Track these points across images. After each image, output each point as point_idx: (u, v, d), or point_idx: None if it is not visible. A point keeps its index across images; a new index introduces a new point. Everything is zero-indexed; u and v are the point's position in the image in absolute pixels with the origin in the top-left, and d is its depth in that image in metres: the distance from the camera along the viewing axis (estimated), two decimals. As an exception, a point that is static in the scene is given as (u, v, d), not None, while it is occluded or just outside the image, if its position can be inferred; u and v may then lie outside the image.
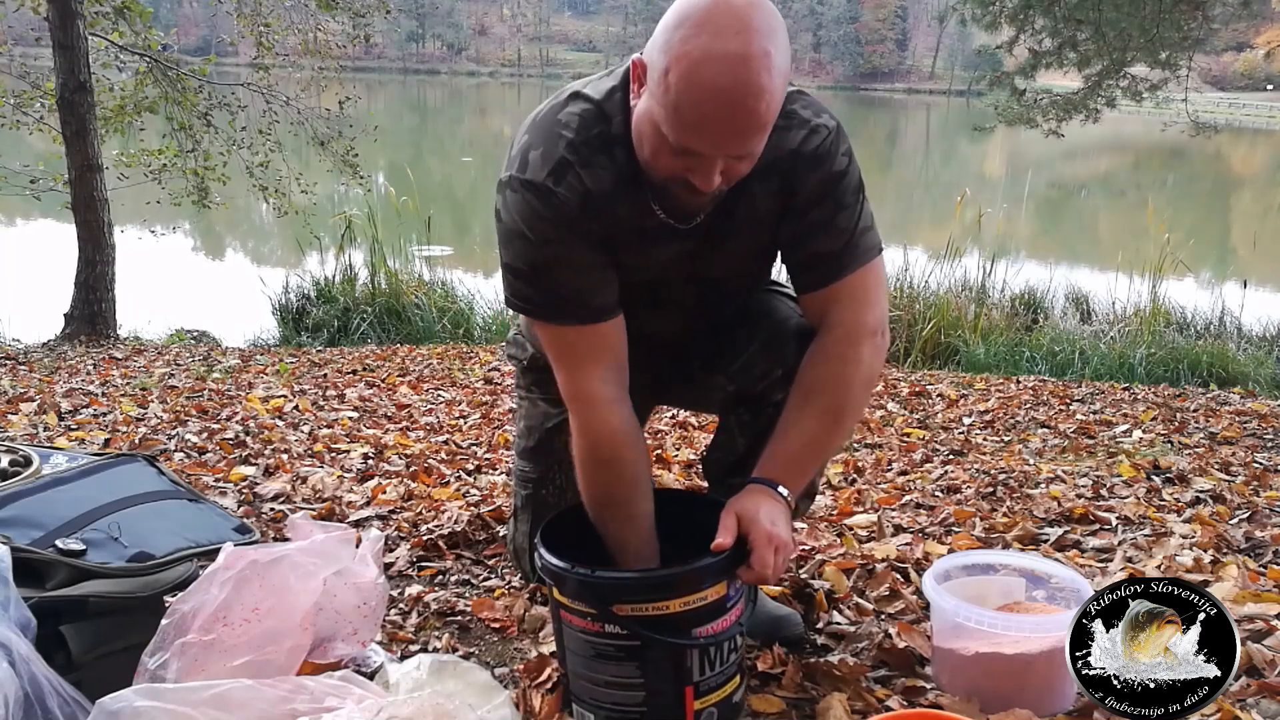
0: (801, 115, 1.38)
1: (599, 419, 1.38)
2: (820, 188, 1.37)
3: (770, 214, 1.40)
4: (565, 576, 1.23)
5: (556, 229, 1.31)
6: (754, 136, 1.20)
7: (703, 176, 1.22)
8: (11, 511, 1.25)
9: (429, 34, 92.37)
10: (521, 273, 1.35)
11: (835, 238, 1.39)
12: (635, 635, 1.20)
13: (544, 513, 1.66)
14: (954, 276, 6.68)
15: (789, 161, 1.36)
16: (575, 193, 1.30)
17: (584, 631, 1.23)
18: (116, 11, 7.12)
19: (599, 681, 1.24)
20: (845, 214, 1.39)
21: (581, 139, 1.31)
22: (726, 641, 1.24)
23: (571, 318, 1.36)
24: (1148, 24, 6.56)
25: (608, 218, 1.33)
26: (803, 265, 1.41)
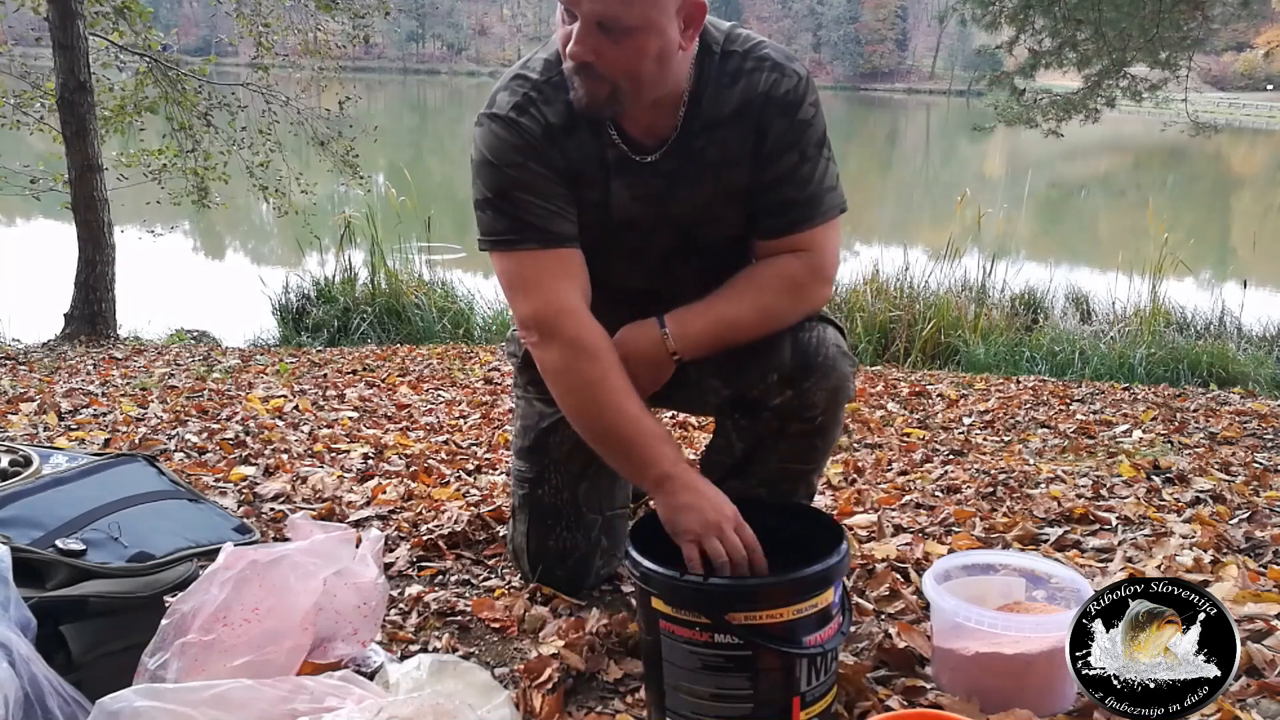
0: (773, 58, 1.42)
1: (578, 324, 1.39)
2: (788, 135, 1.40)
3: (740, 158, 1.42)
4: (674, 585, 1.19)
5: (521, 154, 1.39)
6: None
7: (573, 41, 1.27)
8: (11, 511, 1.25)
9: (429, 34, 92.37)
10: (489, 203, 1.42)
11: (800, 187, 1.42)
12: (748, 645, 1.16)
13: (541, 513, 1.67)
14: (954, 276, 6.68)
15: (760, 104, 1.40)
16: (538, 124, 1.40)
17: (690, 643, 1.19)
18: (116, 11, 7.12)
19: (704, 694, 1.20)
20: (809, 166, 1.42)
21: (544, 79, 1.42)
22: (831, 650, 1.22)
23: (536, 241, 1.41)
24: (1148, 24, 6.56)
25: (570, 149, 1.41)
26: (766, 211, 1.45)
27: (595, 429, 1.41)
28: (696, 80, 1.41)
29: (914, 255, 6.84)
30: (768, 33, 31.22)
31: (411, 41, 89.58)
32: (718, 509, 1.30)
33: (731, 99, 1.40)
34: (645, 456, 1.36)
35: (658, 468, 1.34)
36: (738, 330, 1.45)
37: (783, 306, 1.45)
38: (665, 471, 1.34)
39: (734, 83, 1.41)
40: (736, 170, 1.43)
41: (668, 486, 1.33)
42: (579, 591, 1.69)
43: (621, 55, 1.28)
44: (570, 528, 1.67)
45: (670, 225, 1.48)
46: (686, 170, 1.44)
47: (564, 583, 1.69)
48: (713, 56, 1.41)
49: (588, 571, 1.70)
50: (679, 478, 1.33)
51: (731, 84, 1.41)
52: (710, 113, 1.41)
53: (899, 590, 1.66)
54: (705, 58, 1.41)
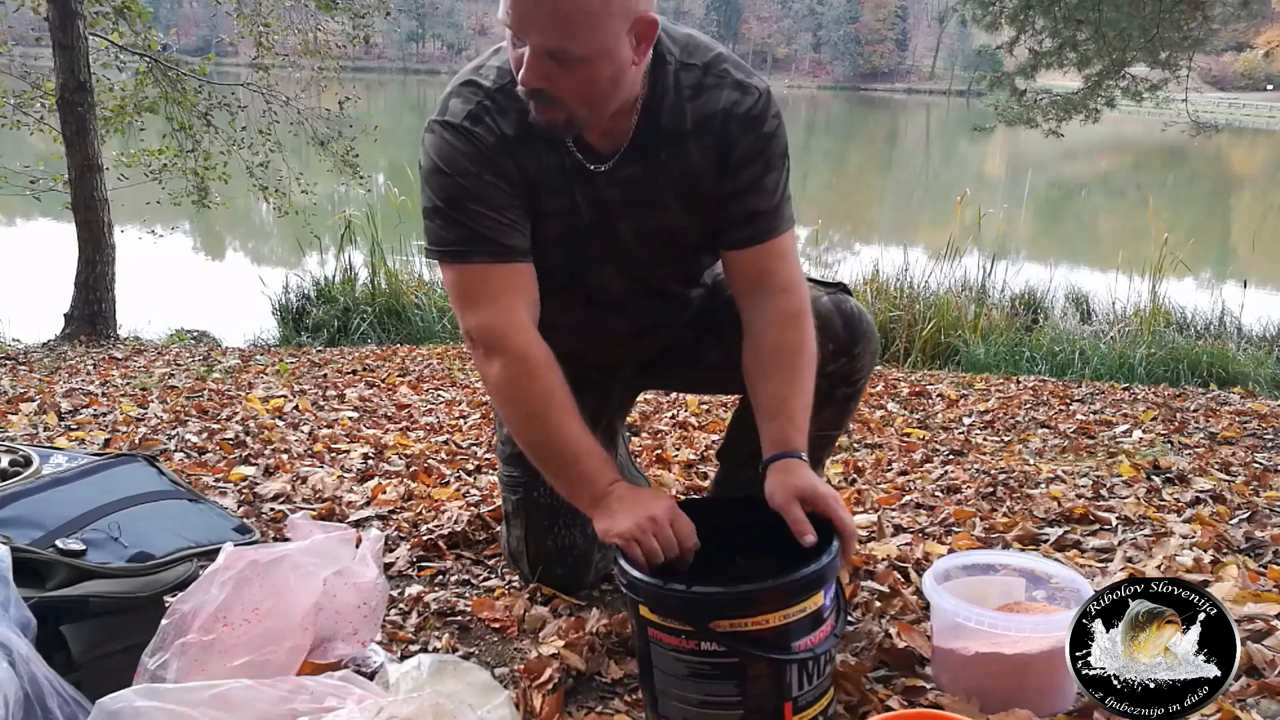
0: (733, 76, 1.42)
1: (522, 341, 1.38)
2: (752, 148, 1.42)
3: (705, 169, 1.43)
4: (657, 593, 1.18)
5: (473, 162, 1.37)
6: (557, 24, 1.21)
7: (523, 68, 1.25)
8: (11, 511, 1.25)
9: (429, 34, 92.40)
10: (439, 211, 1.40)
11: (766, 197, 1.44)
12: (735, 652, 1.15)
13: (537, 514, 1.67)
14: (954, 276, 6.68)
15: (721, 120, 1.40)
16: (492, 133, 1.38)
17: (678, 650, 1.18)
18: (116, 11, 7.13)
19: (694, 701, 1.19)
20: (773, 175, 1.44)
21: (497, 87, 1.39)
22: (824, 654, 1.20)
23: (485, 254, 1.38)
24: (1148, 24, 6.57)
25: (525, 160, 1.40)
26: (736, 222, 1.45)
27: (534, 444, 1.41)
28: (651, 89, 1.40)
29: (914, 255, 6.84)
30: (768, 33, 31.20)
31: (411, 41, 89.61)
32: (646, 507, 1.29)
33: (693, 112, 1.40)
34: (583, 474, 1.36)
35: (594, 486, 1.35)
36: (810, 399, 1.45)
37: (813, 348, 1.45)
38: (602, 490, 1.34)
39: (695, 96, 1.40)
40: (703, 181, 1.44)
41: (602, 503, 1.33)
42: (580, 589, 1.70)
43: (574, 81, 1.27)
44: (568, 525, 1.67)
45: (639, 233, 1.48)
46: (650, 180, 1.44)
47: (565, 581, 1.69)
48: (667, 66, 1.40)
49: (588, 567, 1.70)
50: (613, 493, 1.33)
51: (693, 97, 1.40)
52: (671, 124, 1.40)
53: (899, 590, 1.66)
54: (660, 67, 1.40)
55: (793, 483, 1.30)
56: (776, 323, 1.44)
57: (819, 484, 1.30)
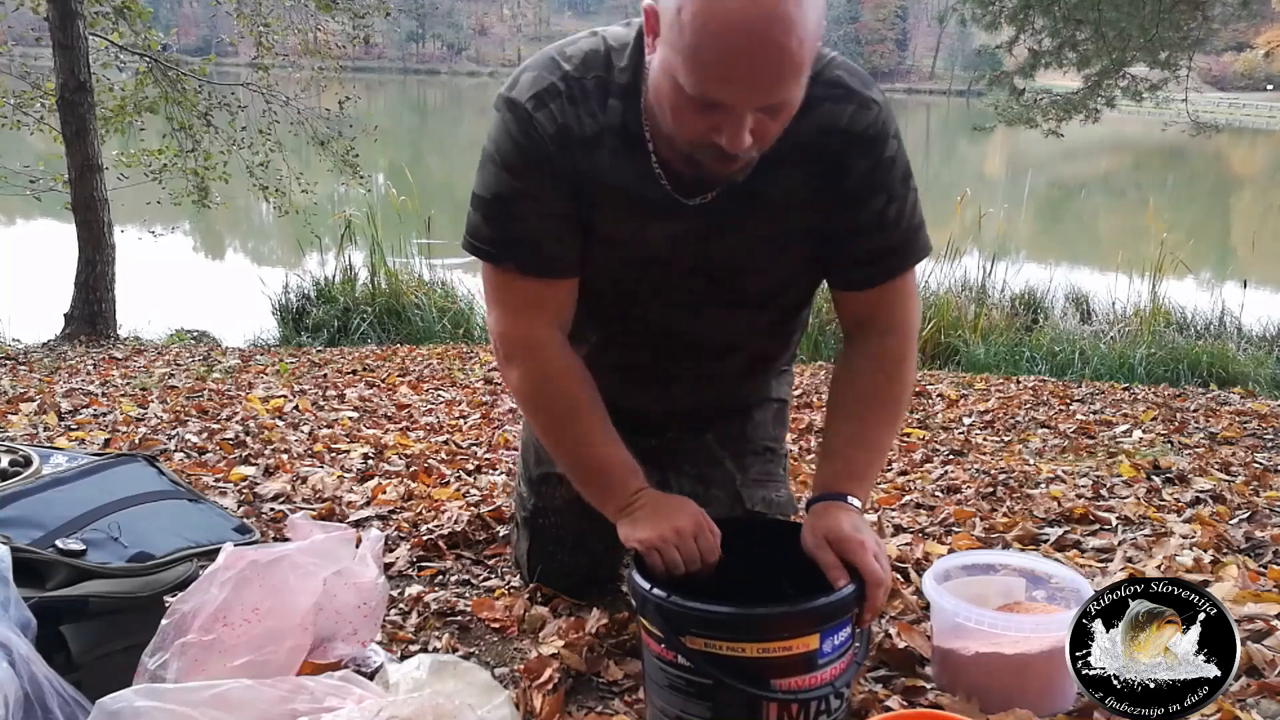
0: (849, 84, 1.22)
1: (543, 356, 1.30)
2: (872, 175, 1.24)
3: (804, 199, 1.24)
4: (643, 596, 1.16)
5: (523, 159, 1.23)
6: (785, 81, 1.03)
7: (731, 134, 1.05)
8: (11, 511, 1.25)
9: (429, 34, 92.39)
10: (483, 203, 1.28)
11: (890, 233, 1.27)
12: (705, 674, 1.11)
13: (542, 539, 1.64)
14: (954, 276, 6.69)
15: (837, 141, 1.21)
16: (553, 124, 1.21)
17: (659, 658, 1.16)
18: (116, 11, 7.13)
19: (670, 715, 1.17)
20: (897, 205, 1.27)
21: (578, 75, 1.22)
22: (815, 701, 1.11)
23: (514, 263, 1.27)
24: (1147, 24, 6.57)
25: (586, 166, 1.23)
26: (855, 261, 1.29)
27: (558, 453, 1.36)
28: None
29: (914, 255, 6.83)
30: (768, 33, 31.27)
31: (411, 41, 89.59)
32: (671, 517, 1.25)
33: (801, 132, 1.18)
34: (609, 485, 1.31)
35: (620, 497, 1.30)
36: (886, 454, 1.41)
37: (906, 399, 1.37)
38: (627, 499, 1.30)
39: (804, 112, 1.16)
40: (799, 213, 1.25)
41: (627, 512, 1.29)
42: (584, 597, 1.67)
43: (777, 127, 1.11)
44: (573, 553, 1.63)
45: (709, 269, 1.31)
46: (735, 212, 1.25)
47: (565, 592, 1.67)
48: None
49: (591, 583, 1.66)
50: (638, 502, 1.29)
51: (802, 113, 1.16)
52: (774, 147, 1.17)
53: (899, 590, 1.66)
54: None
55: (824, 525, 1.22)
56: (869, 367, 1.33)
57: (852, 529, 1.21)
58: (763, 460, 1.57)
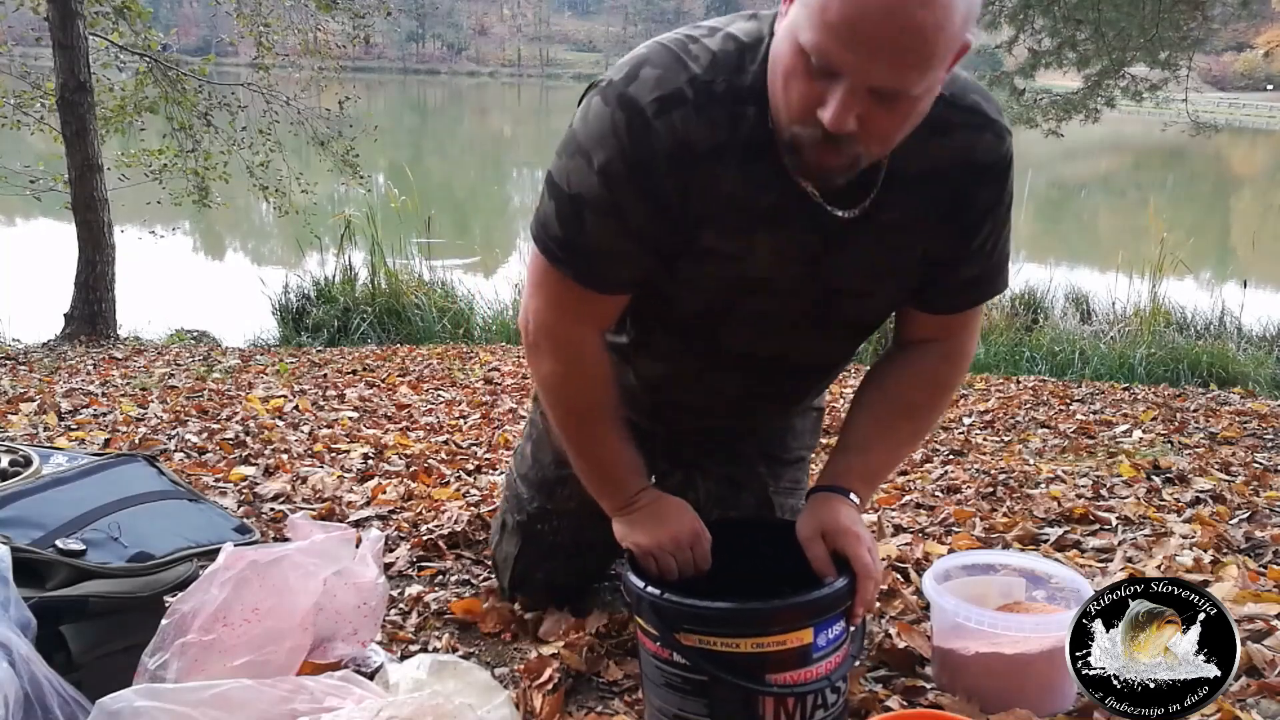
0: (986, 112, 1.15)
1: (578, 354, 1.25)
2: (993, 209, 1.19)
3: (923, 227, 1.17)
4: (638, 595, 1.16)
5: (627, 167, 1.10)
6: (911, 63, 0.95)
7: (836, 107, 0.96)
8: (11, 511, 1.25)
9: (429, 34, 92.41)
10: (563, 199, 1.15)
11: (983, 262, 1.22)
12: (700, 670, 1.11)
13: (535, 546, 1.58)
14: (954, 276, 6.67)
15: (964, 168, 1.14)
16: (672, 136, 1.08)
17: (655, 656, 1.16)
18: (116, 11, 7.13)
19: (668, 714, 1.17)
20: (995, 236, 1.21)
21: (708, 78, 1.09)
22: (811, 695, 1.12)
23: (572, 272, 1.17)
24: (1147, 24, 6.57)
25: (702, 180, 1.11)
26: (950, 289, 1.24)
27: (572, 444, 1.33)
28: None
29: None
30: (768, 33, 31.25)
31: (411, 41, 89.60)
32: (669, 524, 1.24)
33: (929, 155, 1.12)
34: (614, 482, 1.31)
35: (621, 496, 1.29)
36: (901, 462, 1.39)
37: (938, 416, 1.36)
38: (628, 499, 1.29)
39: (935, 135, 1.11)
40: (916, 239, 1.18)
41: (626, 511, 1.29)
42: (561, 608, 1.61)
43: (891, 122, 1.01)
44: (565, 566, 1.59)
45: (814, 292, 1.21)
46: (861, 232, 1.16)
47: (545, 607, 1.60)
48: None
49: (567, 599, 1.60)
50: (638, 503, 1.28)
51: (931, 135, 1.10)
52: (901, 167, 1.12)
53: (899, 590, 1.66)
54: None
55: (819, 517, 1.21)
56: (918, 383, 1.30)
57: (847, 521, 1.20)
58: (795, 469, 1.56)
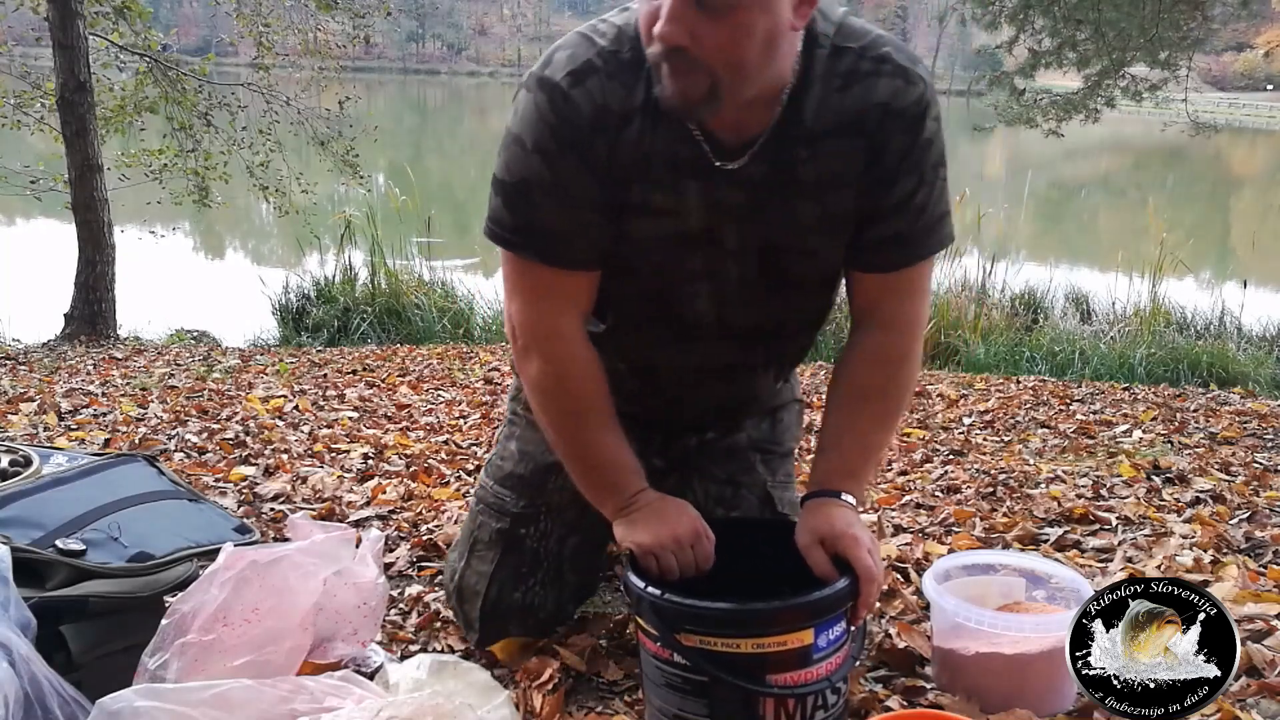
0: (895, 60, 1.19)
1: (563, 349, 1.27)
2: (908, 155, 1.21)
3: (848, 177, 1.21)
4: (638, 595, 1.15)
5: (557, 141, 1.18)
6: None
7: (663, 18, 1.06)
8: (11, 511, 1.25)
9: (429, 34, 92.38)
10: (504, 188, 1.23)
11: (914, 217, 1.24)
12: (701, 670, 1.11)
13: (518, 556, 1.45)
14: (954, 276, 6.68)
15: (877, 116, 1.18)
16: (590, 102, 1.17)
17: (655, 657, 1.16)
18: (116, 11, 7.12)
19: (668, 714, 1.17)
20: (926, 190, 1.24)
21: (614, 49, 1.19)
22: (811, 696, 1.12)
23: (537, 254, 1.23)
24: (1147, 24, 6.57)
25: (626, 142, 1.19)
26: (875, 244, 1.26)
27: (565, 448, 1.32)
28: (801, 76, 1.18)
29: (914, 255, 6.82)
30: (768, 33, 30.90)
31: (411, 41, 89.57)
32: (670, 524, 1.23)
33: (843, 106, 1.18)
34: (612, 483, 1.29)
35: (620, 497, 1.28)
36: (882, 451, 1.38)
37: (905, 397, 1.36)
38: (626, 500, 1.28)
39: (847, 86, 1.18)
40: (843, 193, 1.22)
41: (625, 512, 1.27)
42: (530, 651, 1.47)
43: (723, 37, 1.06)
44: (546, 584, 1.46)
45: (755, 248, 1.26)
46: (780, 185, 1.21)
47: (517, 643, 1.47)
48: (821, 50, 1.18)
49: (543, 635, 1.49)
50: (637, 504, 1.27)
51: (844, 87, 1.18)
52: (816, 121, 1.18)
53: (899, 590, 1.66)
54: (812, 50, 1.18)
55: (816, 522, 1.22)
56: (866, 362, 1.31)
57: (845, 525, 1.20)
58: (787, 462, 1.57)
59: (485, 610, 1.45)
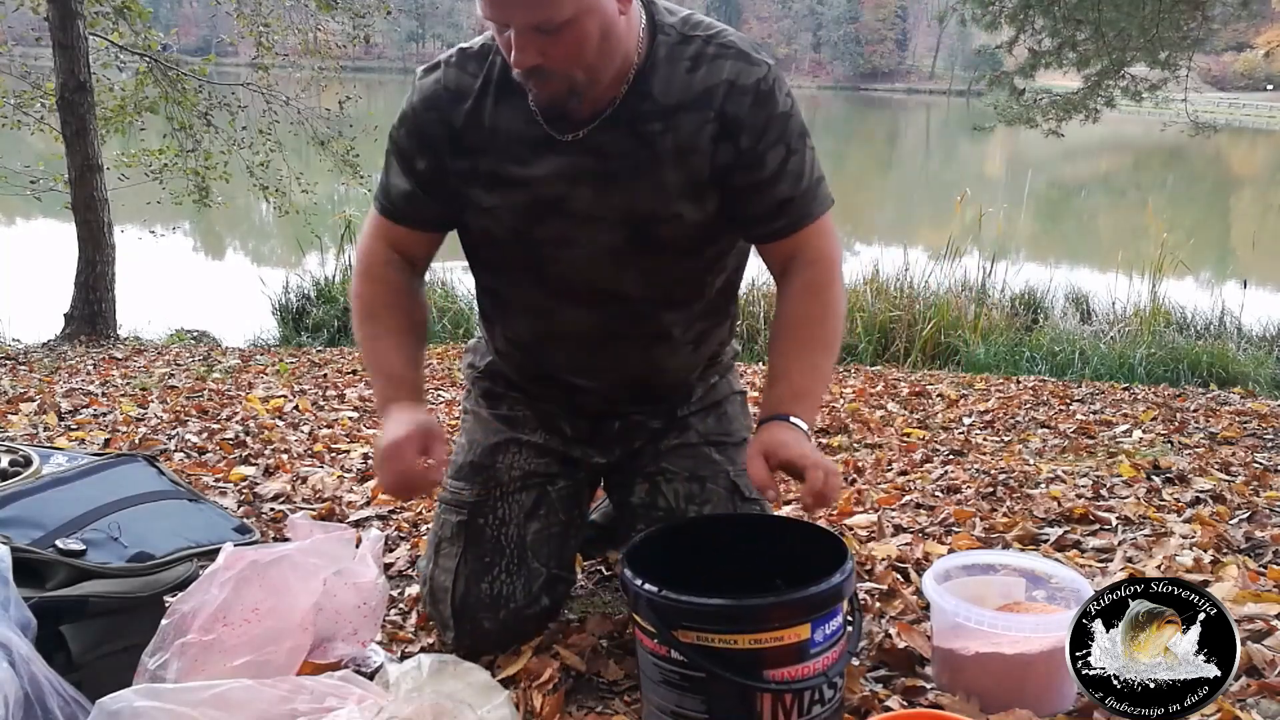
0: (739, 46, 1.35)
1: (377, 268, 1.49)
2: (767, 130, 1.34)
3: (701, 146, 1.34)
4: (635, 592, 1.16)
5: (413, 113, 1.41)
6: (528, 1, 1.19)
7: (513, 52, 1.23)
8: (11, 511, 1.25)
9: (429, 34, 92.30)
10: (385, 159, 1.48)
11: (794, 182, 1.37)
12: (698, 667, 1.12)
13: (479, 547, 1.47)
14: (954, 276, 6.68)
15: (724, 92, 1.32)
16: (436, 87, 1.39)
17: (653, 654, 1.17)
18: (116, 11, 7.12)
19: (666, 710, 1.17)
20: (797, 158, 1.37)
21: (465, 46, 1.42)
22: (808, 691, 1.13)
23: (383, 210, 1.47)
24: (1147, 24, 6.56)
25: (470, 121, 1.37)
26: (768, 214, 1.38)
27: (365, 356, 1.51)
28: (645, 57, 1.33)
29: (914, 255, 6.84)
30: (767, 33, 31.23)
31: (411, 41, 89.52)
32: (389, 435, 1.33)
33: (692, 84, 1.33)
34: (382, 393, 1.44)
35: (380, 397, 1.44)
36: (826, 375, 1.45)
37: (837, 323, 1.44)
38: (381, 408, 1.42)
39: (695, 67, 1.33)
40: (697, 159, 1.34)
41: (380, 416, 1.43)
42: (509, 646, 1.47)
43: (568, 48, 1.23)
44: (511, 572, 1.47)
45: (609, 213, 1.37)
46: (634, 154, 1.34)
47: (492, 638, 1.47)
48: (667, 36, 1.34)
49: (521, 629, 1.49)
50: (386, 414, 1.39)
51: (693, 69, 1.33)
52: (665, 95, 1.33)
53: (899, 590, 1.66)
54: (657, 36, 1.34)
55: (762, 440, 1.31)
56: (797, 295, 1.41)
57: (786, 438, 1.29)
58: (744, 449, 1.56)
59: (456, 606, 1.47)
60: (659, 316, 1.46)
